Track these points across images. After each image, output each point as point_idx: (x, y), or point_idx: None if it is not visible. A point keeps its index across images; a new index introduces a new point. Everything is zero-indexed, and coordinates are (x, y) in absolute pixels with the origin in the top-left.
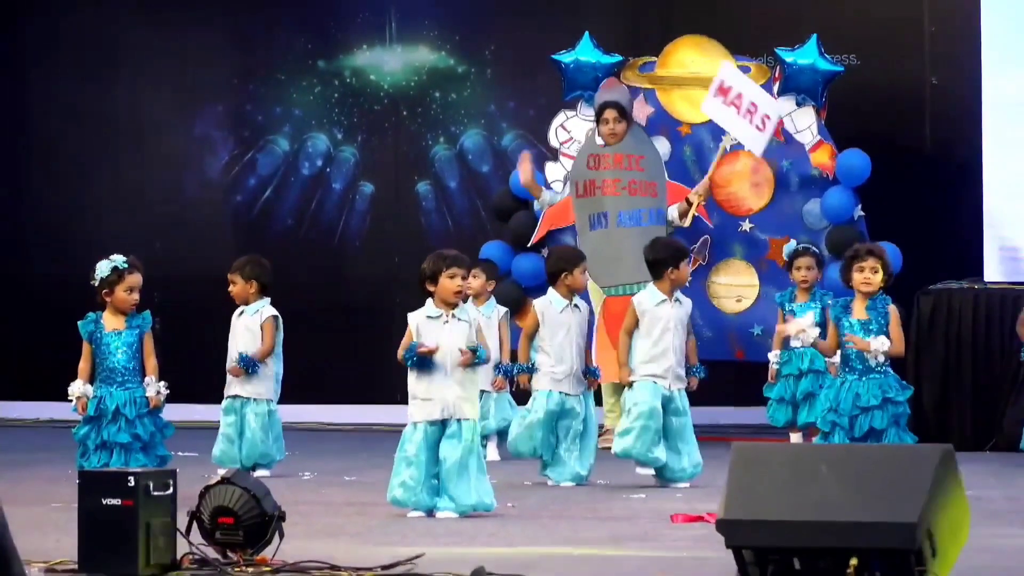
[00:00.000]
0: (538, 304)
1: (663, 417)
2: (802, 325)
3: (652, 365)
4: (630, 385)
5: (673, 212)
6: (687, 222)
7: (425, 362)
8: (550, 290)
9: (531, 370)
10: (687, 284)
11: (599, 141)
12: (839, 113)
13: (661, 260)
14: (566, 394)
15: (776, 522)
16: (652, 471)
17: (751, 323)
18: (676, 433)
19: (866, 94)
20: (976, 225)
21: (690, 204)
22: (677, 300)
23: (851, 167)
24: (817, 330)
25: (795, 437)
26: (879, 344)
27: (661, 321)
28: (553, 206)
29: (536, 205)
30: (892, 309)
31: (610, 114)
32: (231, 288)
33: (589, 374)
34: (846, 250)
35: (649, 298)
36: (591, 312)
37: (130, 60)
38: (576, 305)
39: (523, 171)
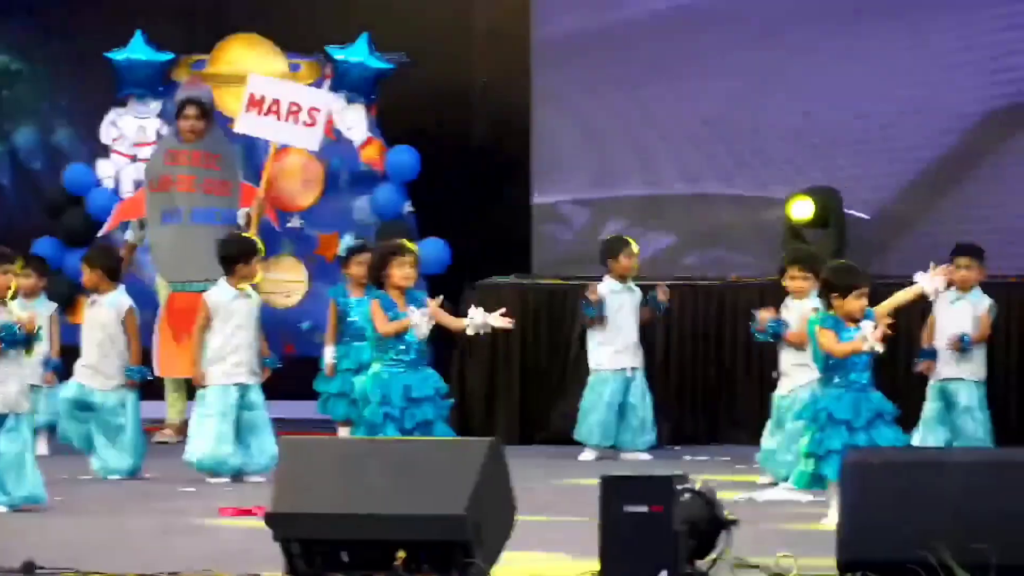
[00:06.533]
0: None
1: (237, 411)
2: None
3: (224, 363)
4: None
5: (241, 219)
6: (252, 231)
7: None
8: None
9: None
10: (257, 280)
11: (177, 138)
12: (390, 110)
13: (232, 256)
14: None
15: (322, 515)
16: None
17: (300, 318)
18: (249, 427)
19: (417, 92)
20: (525, 221)
21: (250, 217)
22: (247, 295)
23: (401, 163)
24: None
25: (344, 431)
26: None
27: (235, 316)
28: (126, 198)
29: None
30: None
31: (191, 111)
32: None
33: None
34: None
35: (222, 294)
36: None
37: None
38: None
39: None
